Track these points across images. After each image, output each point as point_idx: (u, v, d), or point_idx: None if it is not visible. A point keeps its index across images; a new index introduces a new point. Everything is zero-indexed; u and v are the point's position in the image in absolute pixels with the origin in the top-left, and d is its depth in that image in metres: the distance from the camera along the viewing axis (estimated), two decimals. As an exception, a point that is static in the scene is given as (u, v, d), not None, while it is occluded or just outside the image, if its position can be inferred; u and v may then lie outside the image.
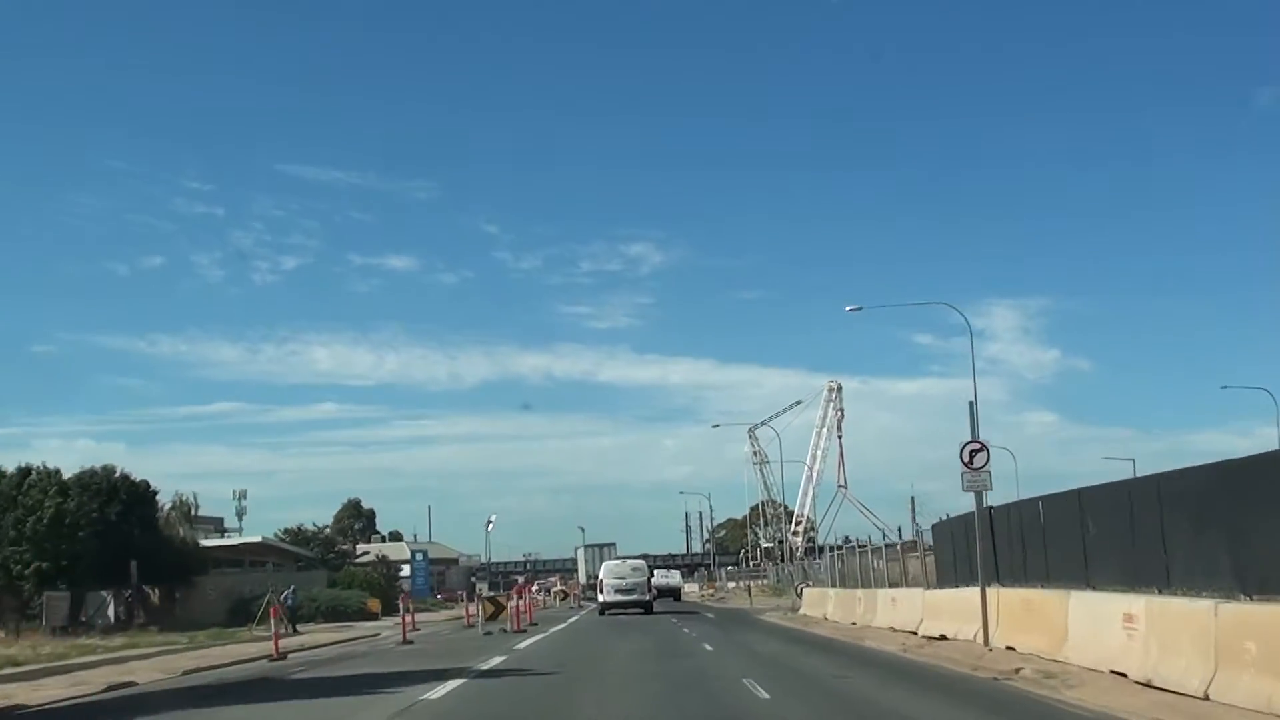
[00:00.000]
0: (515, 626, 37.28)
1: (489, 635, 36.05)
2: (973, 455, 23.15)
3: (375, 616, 62.91)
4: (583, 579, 77.97)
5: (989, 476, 23.21)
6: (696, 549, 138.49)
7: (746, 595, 70.64)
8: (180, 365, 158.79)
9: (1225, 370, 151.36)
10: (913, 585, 35.64)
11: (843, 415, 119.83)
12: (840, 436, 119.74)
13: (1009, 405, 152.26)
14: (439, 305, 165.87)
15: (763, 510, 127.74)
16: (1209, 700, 13.58)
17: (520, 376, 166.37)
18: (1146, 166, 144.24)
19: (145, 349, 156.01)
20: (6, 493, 51.84)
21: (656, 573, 62.57)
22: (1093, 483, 21.74)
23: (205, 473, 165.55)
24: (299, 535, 77.03)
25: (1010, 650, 21.15)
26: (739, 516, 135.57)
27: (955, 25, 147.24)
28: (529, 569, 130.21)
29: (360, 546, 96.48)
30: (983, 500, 23.81)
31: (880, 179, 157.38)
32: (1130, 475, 27.95)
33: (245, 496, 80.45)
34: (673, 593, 68.51)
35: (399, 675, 21.88)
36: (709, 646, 27.63)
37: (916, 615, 29.11)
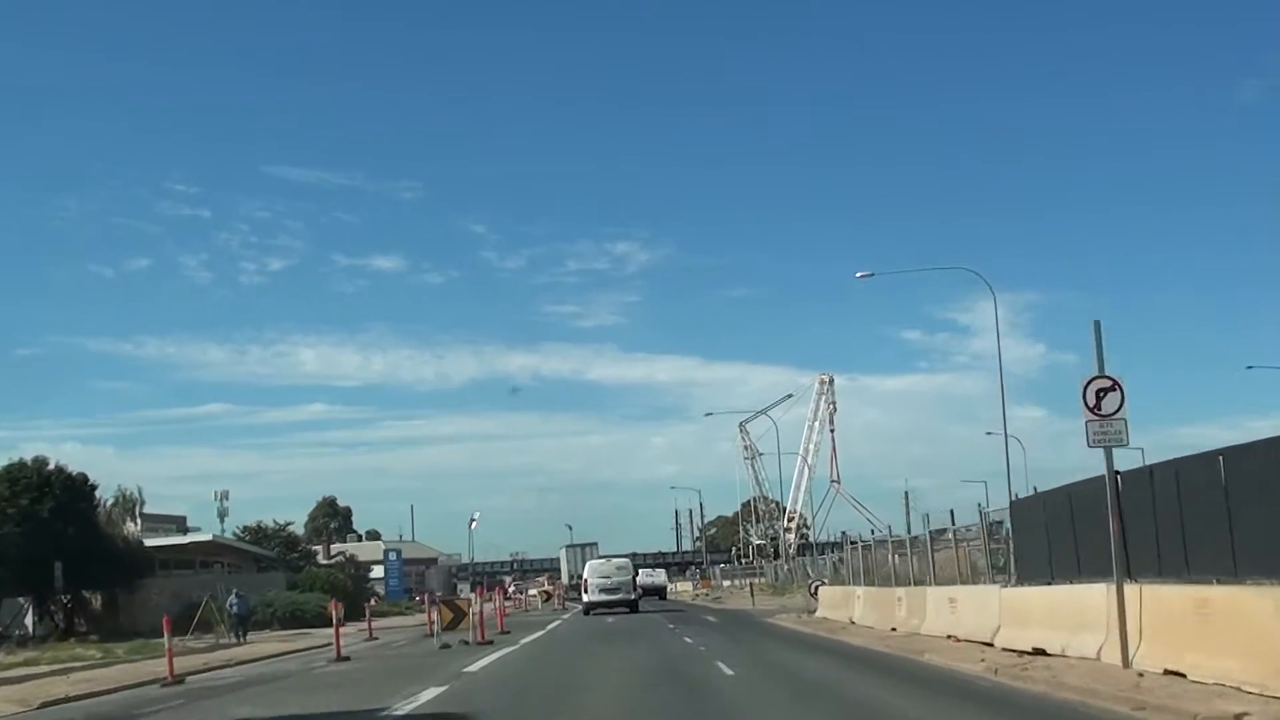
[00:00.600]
0: (479, 637, 30.03)
1: (446, 649, 28.91)
2: (1101, 397, 16.01)
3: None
4: (566, 579, 75.69)
5: (1125, 428, 16.07)
6: (686, 547, 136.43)
7: (748, 595, 63.50)
8: (167, 367, 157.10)
9: (1214, 364, 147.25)
10: (942, 583, 28.61)
11: (835, 409, 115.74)
12: (833, 430, 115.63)
13: (996, 400, 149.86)
14: (426, 305, 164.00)
15: (754, 507, 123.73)
16: None
17: (508, 376, 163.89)
18: (1134, 160, 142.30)
19: (132, 351, 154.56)
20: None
21: (641, 571, 60.84)
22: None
23: (193, 475, 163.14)
24: (259, 533, 69.64)
25: (1176, 676, 14.04)
26: (729, 514, 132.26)
27: (940, 19, 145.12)
28: (516, 568, 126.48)
29: (335, 546, 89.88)
30: (1111, 460, 16.57)
31: (867, 176, 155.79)
32: (1138, 464, 20.29)
33: (227, 497, 75.58)
34: (658, 591, 66.13)
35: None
36: (726, 668, 20.34)
37: (989, 621, 21.97)
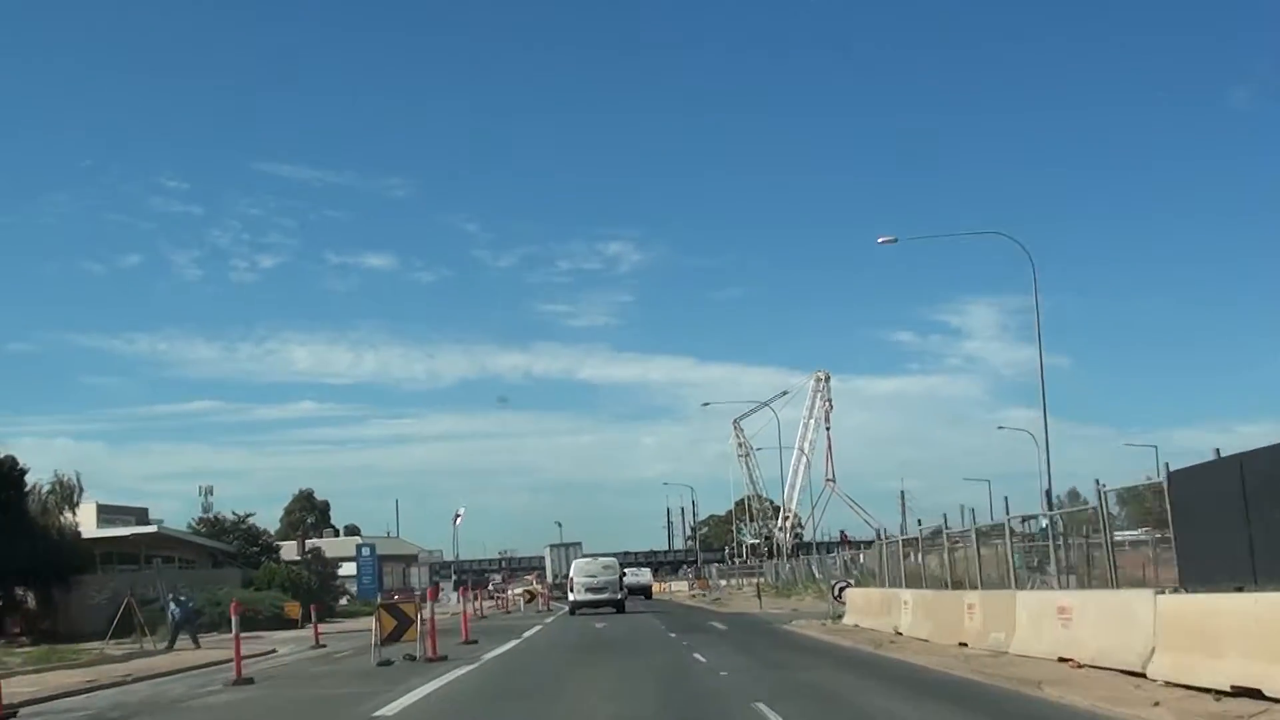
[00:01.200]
0: (430, 652, 22.99)
1: (386, 666, 21.97)
2: None
3: (295, 623, 49.06)
4: (550, 578, 71.47)
5: None
6: (678, 546, 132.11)
7: (749, 596, 56.68)
8: (158, 364, 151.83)
9: (1203, 369, 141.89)
10: (977, 586, 21.81)
11: (831, 406, 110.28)
12: (828, 428, 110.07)
13: (987, 403, 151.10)
14: (417, 304, 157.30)
15: (748, 505, 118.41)
16: None
17: (499, 375, 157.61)
18: (1125, 166, 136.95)
19: (123, 348, 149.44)
20: None
21: (626, 571, 58.16)
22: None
23: (184, 472, 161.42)
24: (216, 525, 62.47)
25: None
26: (721, 513, 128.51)
27: (929, 29, 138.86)
28: (505, 566, 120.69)
29: (310, 542, 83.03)
30: None
31: (860, 178, 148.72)
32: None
33: (211, 493, 69.64)
34: (643, 591, 64.61)
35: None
36: (771, 712, 13.32)
37: (1134, 640, 15.14)
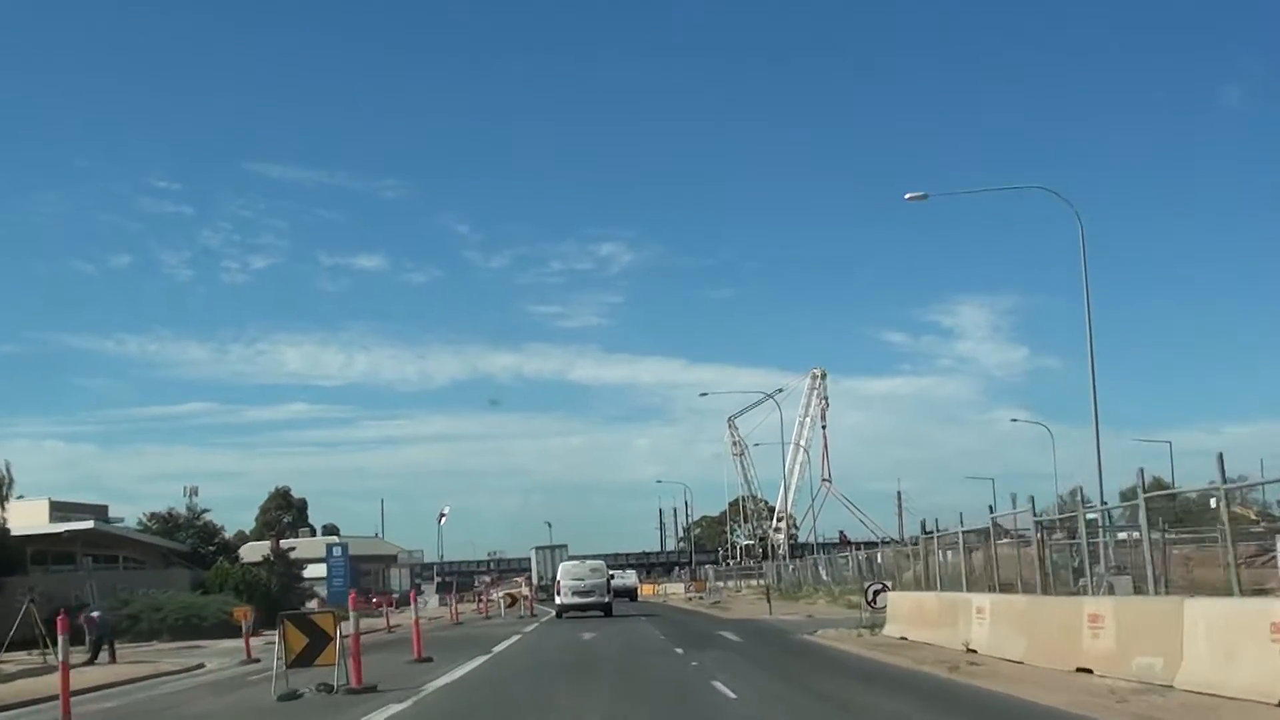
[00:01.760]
0: (354, 679, 16.58)
1: (290, 700, 15.65)
2: None
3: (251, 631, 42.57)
4: (535, 580, 67.79)
5: None
6: (670, 547, 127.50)
7: (753, 599, 50.65)
8: (149, 365, 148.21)
9: (1194, 370, 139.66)
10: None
11: (827, 404, 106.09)
12: (824, 427, 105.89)
13: (979, 404, 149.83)
14: (409, 305, 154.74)
15: (743, 505, 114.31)
16: None
17: (490, 376, 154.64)
18: (1115, 166, 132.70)
19: (113, 349, 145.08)
20: None
21: (613, 573, 56.89)
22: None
23: (175, 474, 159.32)
24: (169, 521, 55.93)
25: None
26: (714, 514, 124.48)
27: (926, 28, 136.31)
28: (493, 568, 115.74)
29: (284, 541, 76.78)
30: None
31: (852, 182, 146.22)
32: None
33: (196, 493, 64.46)
34: (628, 593, 63.16)
35: None
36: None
37: None
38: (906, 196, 36.50)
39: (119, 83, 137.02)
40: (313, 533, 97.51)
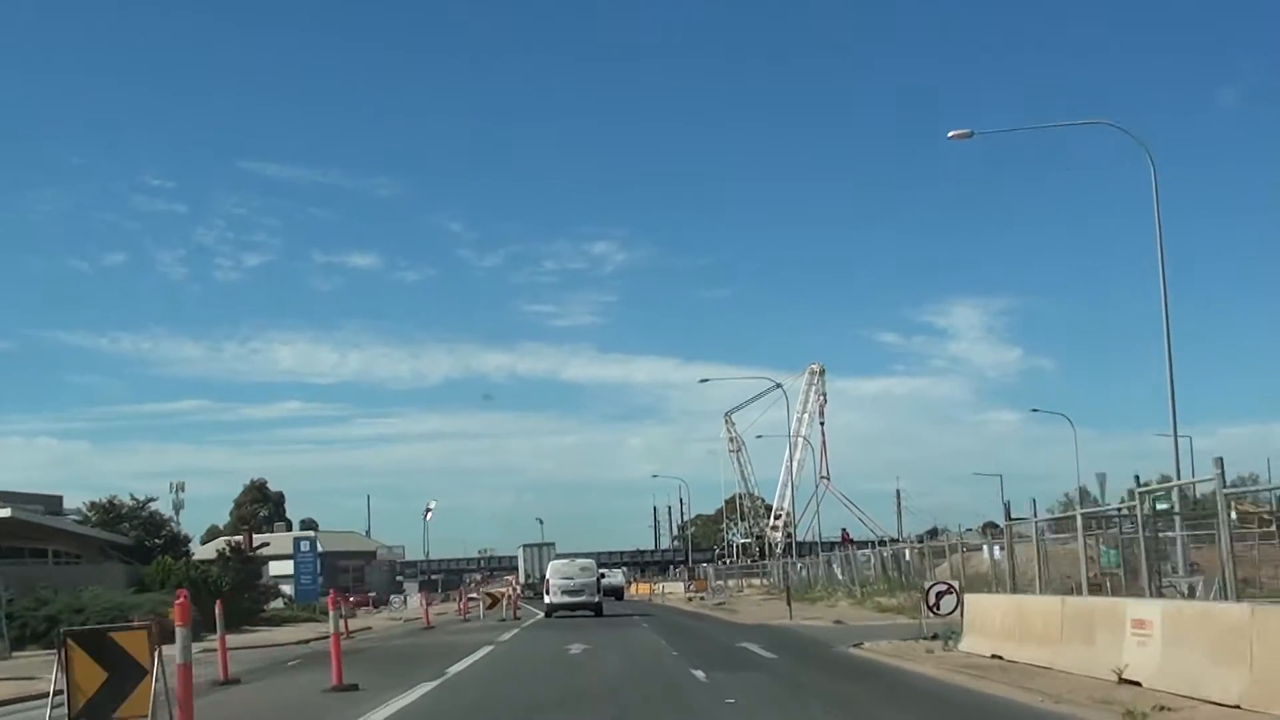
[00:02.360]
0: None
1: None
2: None
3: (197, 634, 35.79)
4: (522, 578, 65.63)
5: None
6: (664, 545, 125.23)
7: (773, 602, 45.20)
8: (143, 363, 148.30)
9: (1187, 372, 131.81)
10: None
11: (825, 401, 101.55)
12: (823, 423, 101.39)
13: (972, 404, 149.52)
14: (402, 303, 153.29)
15: (739, 503, 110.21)
16: None
17: (484, 374, 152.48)
18: (1108, 168, 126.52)
19: (108, 346, 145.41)
20: None
21: (603, 572, 56.67)
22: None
23: (168, 471, 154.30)
24: (110, 511, 49.36)
25: None
26: (709, 513, 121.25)
27: (924, 30, 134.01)
28: (483, 566, 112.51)
29: (257, 536, 70.60)
30: None
31: (846, 182, 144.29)
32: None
33: (183, 489, 61.34)
34: (615, 592, 62.32)
35: None
36: None
37: None
38: (950, 134, 32.68)
39: (116, 82, 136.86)
40: (288, 527, 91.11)
